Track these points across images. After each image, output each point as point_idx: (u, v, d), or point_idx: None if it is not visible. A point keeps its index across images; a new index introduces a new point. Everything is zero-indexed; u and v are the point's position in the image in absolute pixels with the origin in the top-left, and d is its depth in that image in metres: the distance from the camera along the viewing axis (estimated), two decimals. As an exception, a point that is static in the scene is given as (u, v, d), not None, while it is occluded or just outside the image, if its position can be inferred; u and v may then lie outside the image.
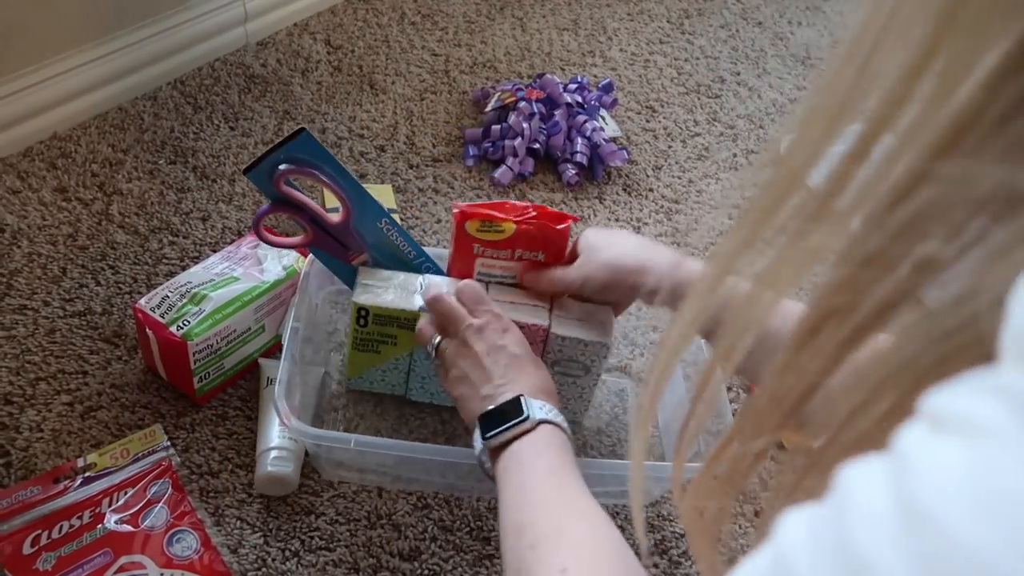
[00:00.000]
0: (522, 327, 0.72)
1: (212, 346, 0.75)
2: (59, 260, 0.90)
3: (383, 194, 1.00)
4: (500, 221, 0.73)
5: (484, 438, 0.61)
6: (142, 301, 0.76)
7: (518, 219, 0.73)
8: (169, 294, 0.76)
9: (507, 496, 0.57)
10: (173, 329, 0.74)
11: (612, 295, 0.75)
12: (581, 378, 0.78)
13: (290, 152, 0.68)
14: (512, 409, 0.61)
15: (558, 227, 0.74)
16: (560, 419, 0.62)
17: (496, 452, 0.61)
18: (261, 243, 0.79)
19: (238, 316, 0.77)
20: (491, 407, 0.62)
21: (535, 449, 0.59)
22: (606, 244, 0.72)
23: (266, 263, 0.81)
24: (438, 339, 0.68)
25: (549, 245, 0.75)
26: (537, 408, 0.61)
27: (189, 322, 0.74)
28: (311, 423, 0.78)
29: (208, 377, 0.78)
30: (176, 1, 1.13)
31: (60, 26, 1.01)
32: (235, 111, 1.14)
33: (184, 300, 0.76)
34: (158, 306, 0.75)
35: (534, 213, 0.74)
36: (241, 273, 0.80)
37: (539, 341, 0.74)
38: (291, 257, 0.82)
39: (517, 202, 0.75)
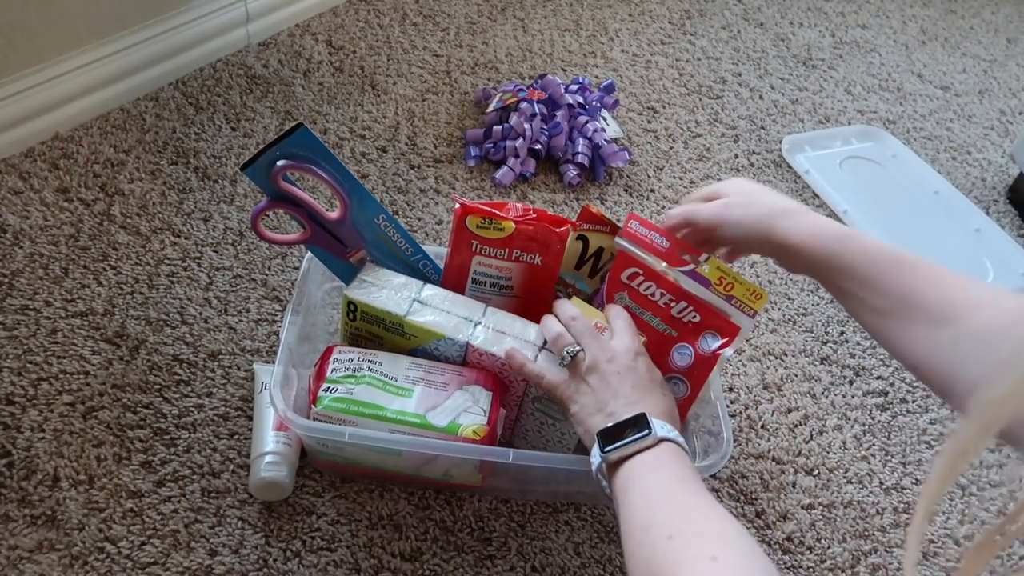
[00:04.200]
0: (502, 361, 0.72)
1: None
2: (61, 260, 0.90)
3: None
4: (500, 219, 0.73)
5: (603, 451, 0.61)
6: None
7: (518, 219, 0.74)
8: (356, 358, 0.72)
9: (631, 501, 0.57)
10: (322, 387, 0.70)
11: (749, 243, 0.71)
12: (561, 422, 0.75)
13: (287, 148, 0.69)
14: (635, 424, 0.61)
15: (557, 230, 0.74)
16: (683, 441, 0.61)
17: (614, 467, 0.60)
18: (466, 388, 0.72)
19: (372, 423, 0.69)
20: (611, 423, 0.62)
21: (658, 461, 0.59)
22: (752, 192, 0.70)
23: (446, 403, 0.71)
24: (577, 348, 0.67)
25: (547, 248, 0.75)
26: (659, 426, 0.61)
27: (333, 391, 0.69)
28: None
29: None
30: (178, 2, 1.13)
31: (62, 27, 1.01)
32: (237, 112, 1.14)
33: (354, 371, 0.71)
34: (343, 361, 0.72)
35: (535, 216, 0.74)
36: (419, 393, 0.71)
37: (520, 379, 0.73)
38: (468, 416, 0.71)
39: (519, 204, 0.75)
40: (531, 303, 0.79)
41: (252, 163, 0.68)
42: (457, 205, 0.73)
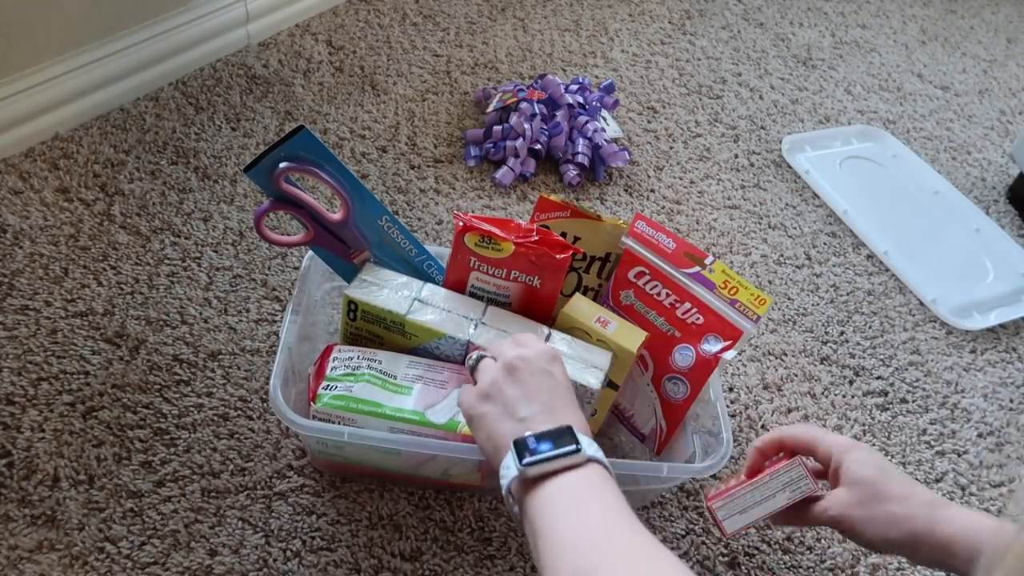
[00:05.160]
0: None
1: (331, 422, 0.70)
2: (61, 260, 0.91)
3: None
4: (499, 240, 0.71)
5: (521, 464, 0.52)
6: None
7: (519, 240, 0.71)
8: (356, 356, 0.73)
9: (557, 534, 0.49)
10: (322, 384, 0.70)
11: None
12: None
13: (290, 150, 0.69)
14: (561, 437, 0.53)
15: (558, 256, 0.71)
16: (608, 463, 0.54)
17: (530, 486, 0.52)
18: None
19: (371, 420, 0.70)
20: (530, 433, 0.54)
21: (588, 486, 0.52)
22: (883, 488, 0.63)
23: (445, 401, 0.72)
24: (484, 353, 0.63)
25: (545, 273, 0.73)
26: (588, 443, 0.53)
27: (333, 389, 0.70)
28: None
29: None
30: (178, 2, 1.13)
31: (62, 26, 1.01)
32: (237, 112, 1.14)
33: (353, 369, 0.71)
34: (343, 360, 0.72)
35: (537, 237, 0.72)
36: (419, 390, 0.72)
37: None
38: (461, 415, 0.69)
39: (523, 223, 0.73)
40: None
41: (254, 165, 0.68)
42: (458, 220, 0.72)
